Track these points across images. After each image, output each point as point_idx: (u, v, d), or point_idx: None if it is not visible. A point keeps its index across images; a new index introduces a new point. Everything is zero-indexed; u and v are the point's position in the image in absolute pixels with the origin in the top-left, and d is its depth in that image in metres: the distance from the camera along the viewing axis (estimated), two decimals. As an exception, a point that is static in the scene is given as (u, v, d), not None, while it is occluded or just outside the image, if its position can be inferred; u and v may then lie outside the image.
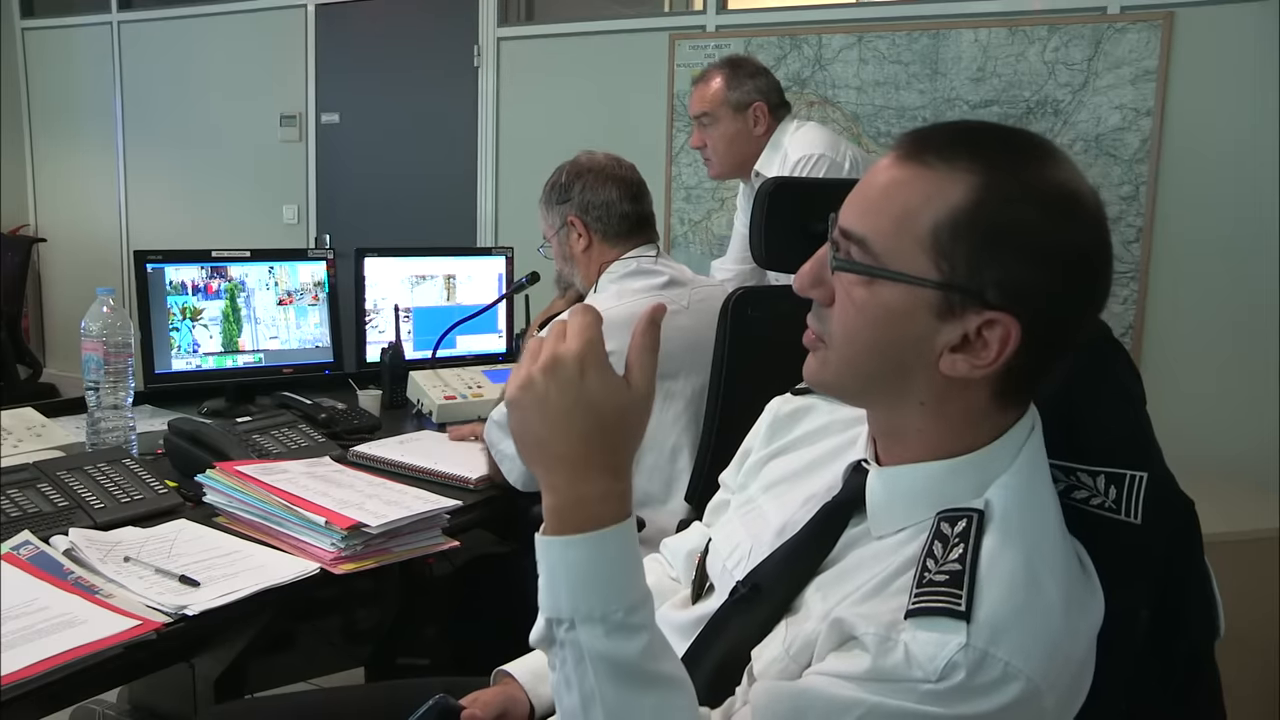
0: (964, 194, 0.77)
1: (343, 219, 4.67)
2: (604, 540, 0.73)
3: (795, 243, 1.76)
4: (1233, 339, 2.96)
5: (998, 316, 0.77)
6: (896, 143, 0.83)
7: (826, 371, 0.85)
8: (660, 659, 0.75)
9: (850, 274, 0.81)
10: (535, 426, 0.74)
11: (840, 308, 0.82)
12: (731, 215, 3.29)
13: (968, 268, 0.77)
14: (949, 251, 0.77)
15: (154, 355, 2.15)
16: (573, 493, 0.74)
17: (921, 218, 0.78)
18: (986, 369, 0.79)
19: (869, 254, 0.80)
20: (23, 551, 1.30)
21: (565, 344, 0.74)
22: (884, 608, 0.78)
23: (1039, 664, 0.73)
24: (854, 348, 0.82)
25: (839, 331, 0.83)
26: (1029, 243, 0.77)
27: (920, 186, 0.79)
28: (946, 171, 0.78)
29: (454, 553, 1.50)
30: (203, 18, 4.91)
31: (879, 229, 0.80)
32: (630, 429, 0.75)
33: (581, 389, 0.72)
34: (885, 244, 0.79)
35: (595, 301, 1.92)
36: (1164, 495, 0.89)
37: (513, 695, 1.10)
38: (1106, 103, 3.06)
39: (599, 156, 1.97)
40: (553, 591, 0.74)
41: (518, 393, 0.74)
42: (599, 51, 3.95)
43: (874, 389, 0.85)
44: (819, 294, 0.84)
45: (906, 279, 0.78)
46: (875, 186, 0.82)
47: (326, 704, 1.29)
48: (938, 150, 0.79)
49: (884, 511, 0.85)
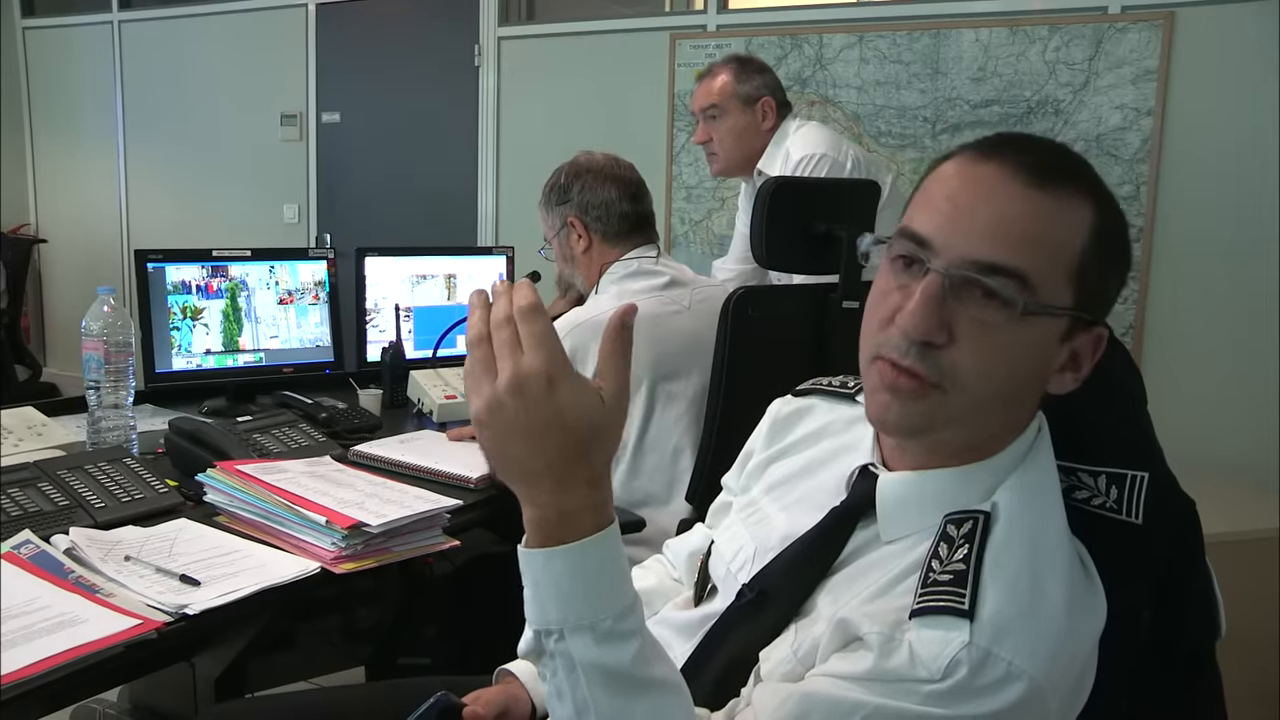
0: (1089, 219, 0.79)
1: (343, 218, 4.67)
2: (587, 550, 0.72)
3: (796, 243, 1.76)
4: (1233, 339, 2.96)
5: (1099, 330, 0.81)
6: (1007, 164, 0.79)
7: (943, 414, 0.80)
8: (652, 663, 0.74)
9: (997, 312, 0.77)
10: (508, 446, 0.71)
11: (976, 347, 0.77)
12: (732, 215, 3.29)
13: (1093, 290, 0.79)
14: (1088, 277, 0.79)
15: (154, 354, 2.15)
16: (553, 507, 0.72)
17: (1071, 248, 0.78)
18: (1083, 380, 0.82)
19: (1028, 290, 0.76)
20: (23, 550, 1.30)
21: (526, 359, 0.69)
22: (889, 608, 0.78)
23: (1042, 664, 0.73)
24: (988, 389, 0.79)
25: (973, 373, 0.78)
26: (1126, 256, 0.83)
27: (1066, 217, 0.79)
28: (1077, 199, 0.79)
29: (454, 552, 1.50)
30: (203, 17, 4.91)
31: (1037, 264, 0.77)
32: (605, 437, 0.72)
33: (551, 405, 0.69)
34: (1043, 279, 0.77)
35: (596, 302, 1.92)
36: (1165, 495, 0.89)
37: (514, 694, 1.10)
38: (1107, 102, 3.06)
39: (597, 157, 1.97)
40: (539, 603, 0.73)
41: (485, 415, 0.71)
42: (599, 51, 3.95)
43: (981, 420, 0.81)
44: (942, 336, 0.78)
45: (1061, 311, 0.78)
46: (1010, 217, 0.77)
47: (327, 703, 1.29)
48: (1062, 177, 0.79)
49: (895, 517, 0.85)
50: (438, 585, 2.09)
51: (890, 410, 0.81)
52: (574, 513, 0.71)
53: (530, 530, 0.74)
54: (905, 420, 0.81)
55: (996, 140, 0.83)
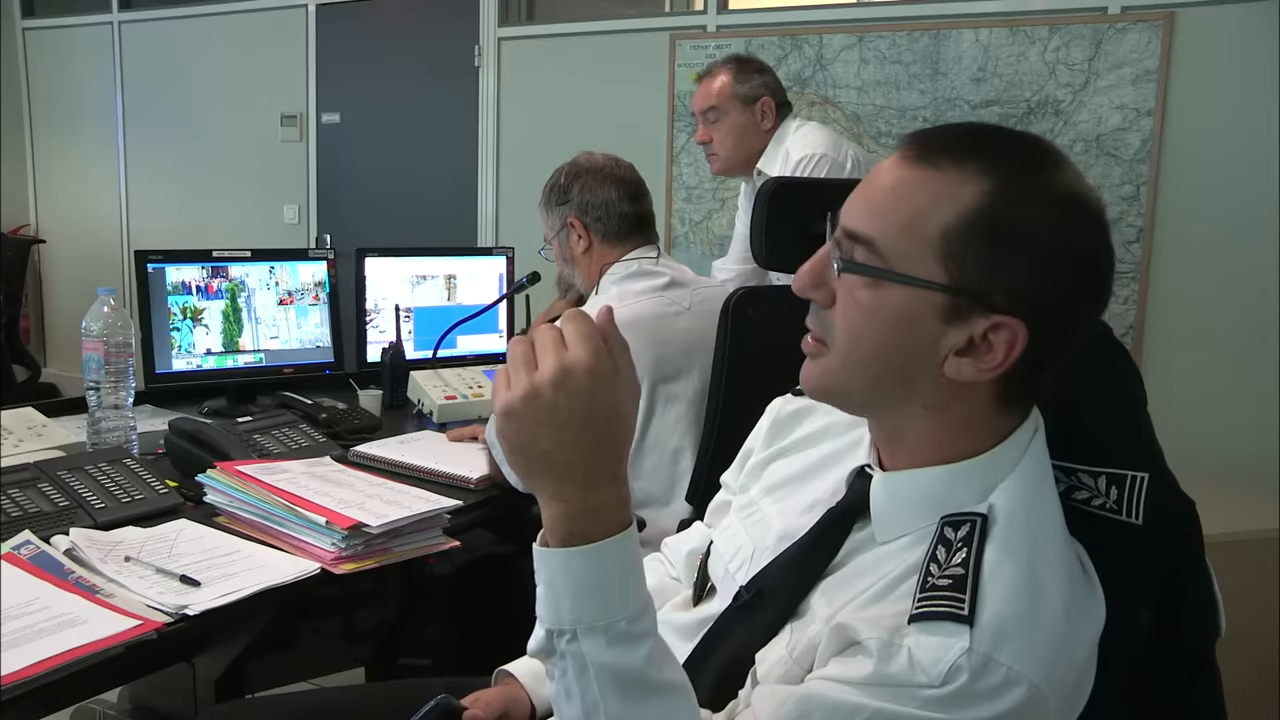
0: (974, 197, 0.77)
1: (343, 219, 4.67)
2: (610, 549, 0.72)
3: (796, 243, 1.76)
4: (1233, 339, 2.96)
5: (1005, 320, 0.77)
6: (902, 143, 0.82)
7: (827, 377, 0.84)
8: (663, 666, 0.75)
9: (855, 276, 0.80)
10: (540, 438, 0.71)
11: (843, 310, 0.81)
12: (732, 215, 3.29)
13: (977, 271, 0.77)
14: (959, 255, 0.77)
15: (154, 355, 2.15)
16: (582, 502, 0.72)
17: (931, 220, 0.77)
18: (992, 372, 0.78)
19: (876, 255, 0.79)
20: (23, 551, 1.30)
21: (571, 353, 0.71)
22: (887, 612, 0.78)
23: (1042, 668, 0.73)
24: (858, 351, 0.81)
25: (842, 334, 0.81)
26: (1038, 246, 0.77)
27: (930, 189, 0.78)
28: (956, 174, 0.78)
29: (454, 553, 1.50)
30: (203, 18, 4.91)
31: (886, 231, 0.79)
32: (632, 431, 0.75)
33: (595, 399, 0.71)
34: (893, 246, 0.78)
35: (596, 303, 1.92)
36: (1165, 496, 0.89)
37: (514, 695, 1.10)
38: (1107, 103, 3.07)
39: (597, 157, 1.97)
40: (554, 602, 0.73)
41: (520, 404, 0.71)
42: (599, 51, 3.95)
43: (876, 394, 0.83)
44: (820, 296, 0.83)
45: (915, 282, 0.78)
46: (882, 187, 0.81)
47: (327, 704, 1.29)
48: (947, 153, 0.79)
49: (888, 517, 0.85)
50: (438, 585, 2.09)
51: (804, 369, 0.86)
52: (601, 508, 0.72)
53: (552, 527, 0.73)
54: (806, 376, 0.86)
55: (921, 129, 0.86)
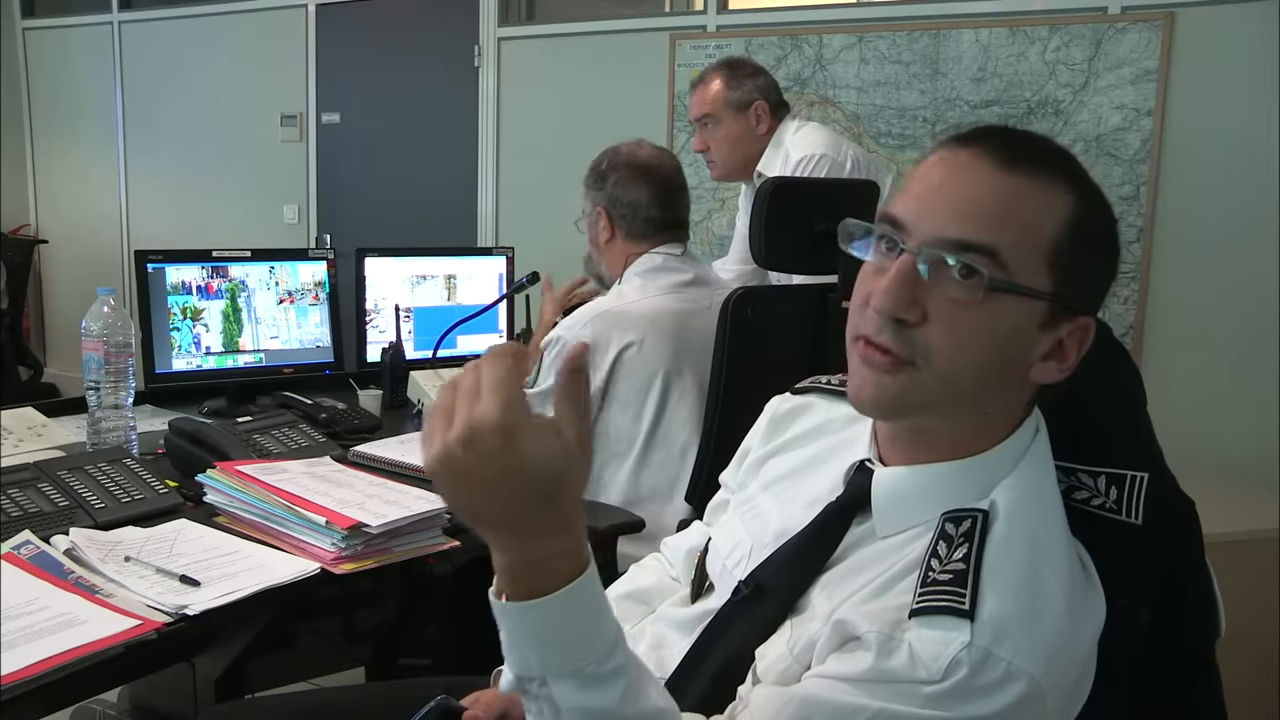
0: (1071, 206, 0.79)
1: (343, 219, 4.67)
2: (563, 601, 0.68)
3: (795, 243, 1.76)
4: (1233, 339, 2.96)
5: (1084, 321, 0.80)
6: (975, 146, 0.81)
7: (915, 394, 0.79)
8: (640, 696, 0.72)
9: (956, 290, 0.77)
10: (464, 498, 0.67)
11: (948, 325, 0.78)
12: (732, 215, 3.29)
13: (1073, 278, 0.79)
14: (1065, 263, 0.78)
15: (154, 355, 2.15)
16: (521, 558, 0.67)
17: (1045, 229, 0.78)
18: (1069, 371, 0.81)
19: (999, 266, 0.77)
20: (23, 551, 1.30)
21: (479, 409, 0.63)
22: (888, 607, 0.78)
23: (1042, 664, 0.73)
24: (962, 367, 0.78)
25: (945, 351, 0.78)
26: (1113, 250, 0.83)
27: (1039, 197, 0.79)
28: (1054, 182, 0.79)
29: (454, 553, 1.50)
30: (203, 18, 4.91)
31: (1006, 241, 0.77)
32: (571, 484, 0.67)
33: (507, 459, 0.63)
34: (1013, 256, 0.77)
35: (620, 293, 1.93)
36: (1165, 495, 0.89)
37: (514, 695, 1.10)
38: (1107, 103, 3.06)
39: (644, 150, 1.98)
40: (519, 652, 0.69)
41: (437, 466, 0.65)
42: (599, 51, 3.95)
43: (953, 405, 0.81)
44: (913, 314, 0.78)
45: (1033, 293, 0.78)
46: (985, 194, 0.78)
47: (327, 704, 1.29)
48: (1035, 159, 0.80)
49: (890, 511, 0.85)
50: (438, 586, 2.09)
51: (866, 386, 0.81)
52: (544, 561, 0.68)
53: (501, 578, 0.69)
54: (879, 396, 0.81)
55: (975, 130, 0.84)
